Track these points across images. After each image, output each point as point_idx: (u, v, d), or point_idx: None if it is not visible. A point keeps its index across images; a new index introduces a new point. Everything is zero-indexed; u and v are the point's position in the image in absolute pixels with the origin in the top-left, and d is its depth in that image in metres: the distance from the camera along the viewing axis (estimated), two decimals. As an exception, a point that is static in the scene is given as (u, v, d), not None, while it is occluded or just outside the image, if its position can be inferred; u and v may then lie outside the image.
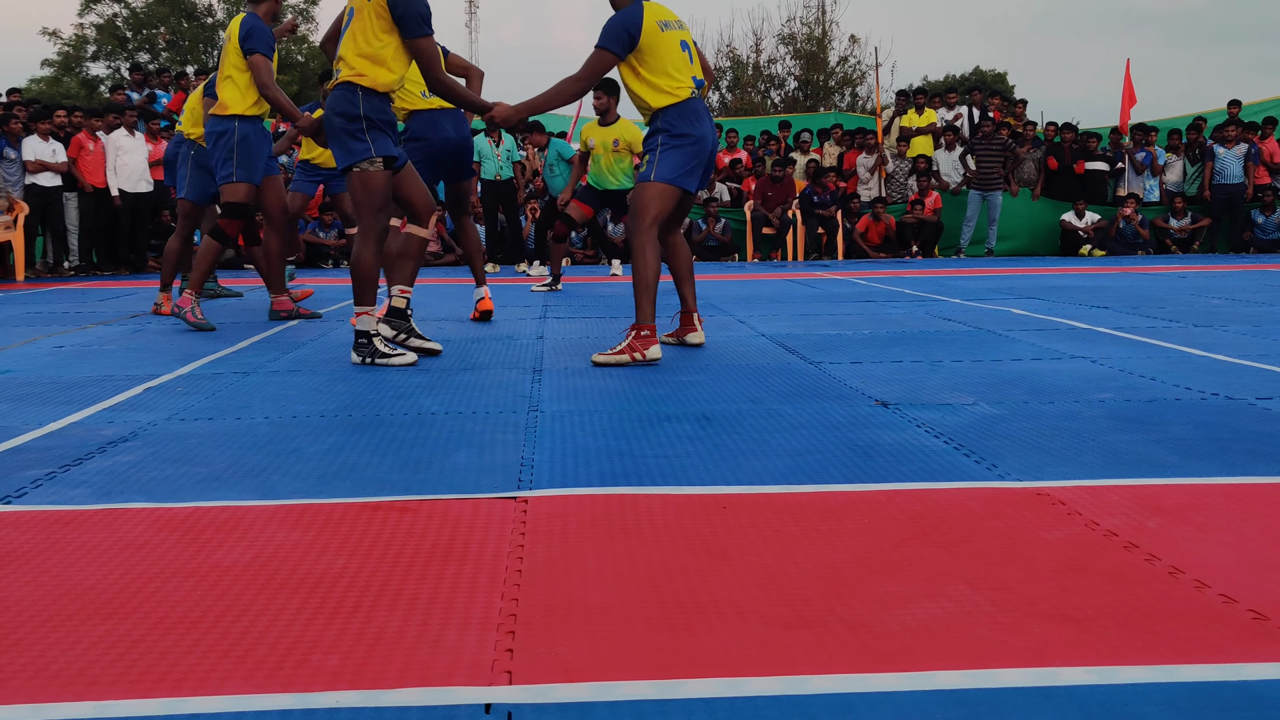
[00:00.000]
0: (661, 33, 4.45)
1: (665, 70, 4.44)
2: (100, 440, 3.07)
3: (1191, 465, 2.66)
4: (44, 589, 1.87)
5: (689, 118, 4.46)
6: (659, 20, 4.46)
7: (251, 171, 5.84)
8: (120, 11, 37.67)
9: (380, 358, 4.33)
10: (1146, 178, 14.97)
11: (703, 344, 4.91)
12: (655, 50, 4.41)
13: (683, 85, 4.46)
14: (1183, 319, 5.90)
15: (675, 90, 4.45)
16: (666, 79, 4.44)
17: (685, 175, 4.49)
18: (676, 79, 4.45)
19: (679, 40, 4.51)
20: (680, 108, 4.45)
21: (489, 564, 1.98)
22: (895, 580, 1.87)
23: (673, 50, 4.47)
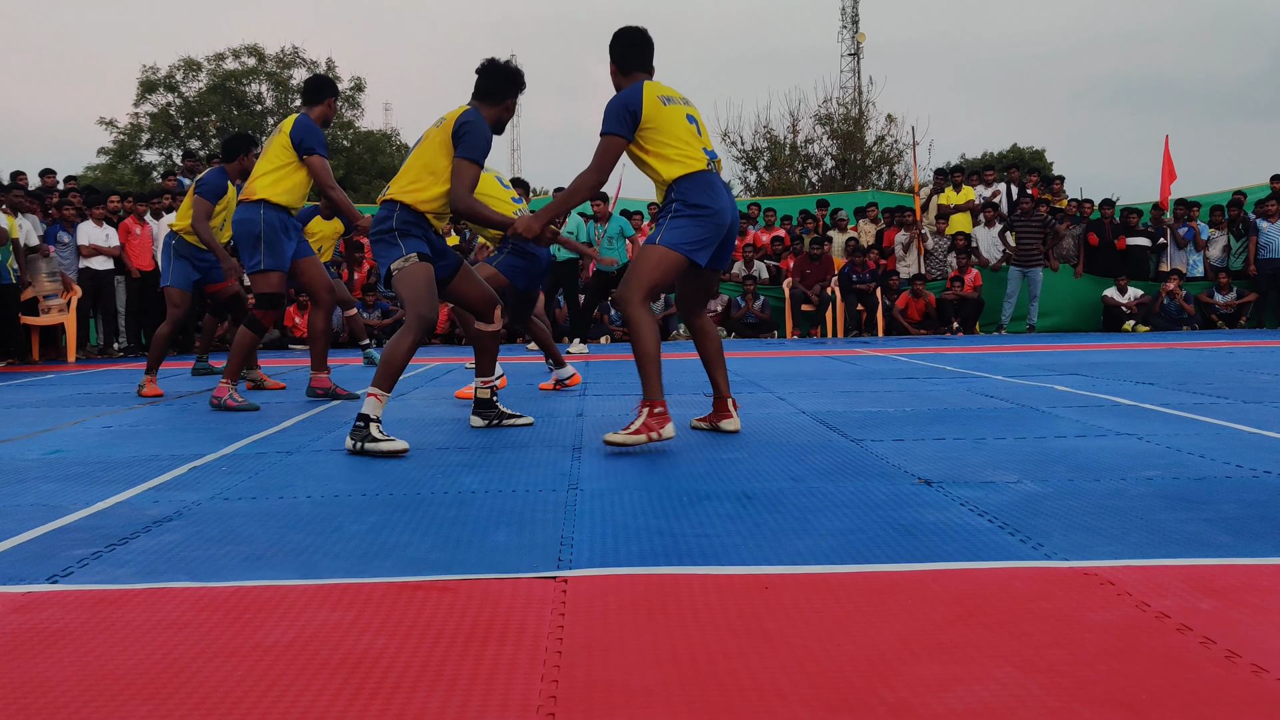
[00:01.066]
0: (665, 106, 4.33)
1: (674, 141, 4.30)
2: (145, 520, 3.11)
3: (1245, 545, 2.60)
4: (88, 669, 1.88)
5: (704, 188, 4.30)
6: (660, 95, 4.35)
7: (280, 259, 5.90)
8: (174, 101, 38.93)
9: (370, 442, 4.19)
10: (1189, 253, 14.87)
11: (738, 431, 4.64)
12: (659, 124, 4.30)
13: (695, 156, 4.32)
14: (1231, 395, 5.81)
15: (687, 160, 4.30)
16: (676, 149, 4.30)
17: (695, 247, 4.28)
18: (688, 149, 4.31)
19: (684, 114, 4.39)
20: (695, 178, 4.29)
21: (529, 645, 1.97)
22: (940, 662, 1.84)
23: (678, 123, 4.34)
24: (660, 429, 4.17)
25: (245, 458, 4.24)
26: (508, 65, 4.58)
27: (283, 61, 39.91)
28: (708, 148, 4.42)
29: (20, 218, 10.90)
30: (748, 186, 31.38)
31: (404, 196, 4.43)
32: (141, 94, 38.74)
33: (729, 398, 4.69)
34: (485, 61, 4.58)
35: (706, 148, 4.41)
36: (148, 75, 38.72)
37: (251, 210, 5.88)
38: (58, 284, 11.04)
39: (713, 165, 4.37)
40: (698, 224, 4.27)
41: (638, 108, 4.28)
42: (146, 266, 12.01)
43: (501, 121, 4.62)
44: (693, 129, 4.38)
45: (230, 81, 38.46)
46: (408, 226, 4.41)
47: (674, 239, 4.25)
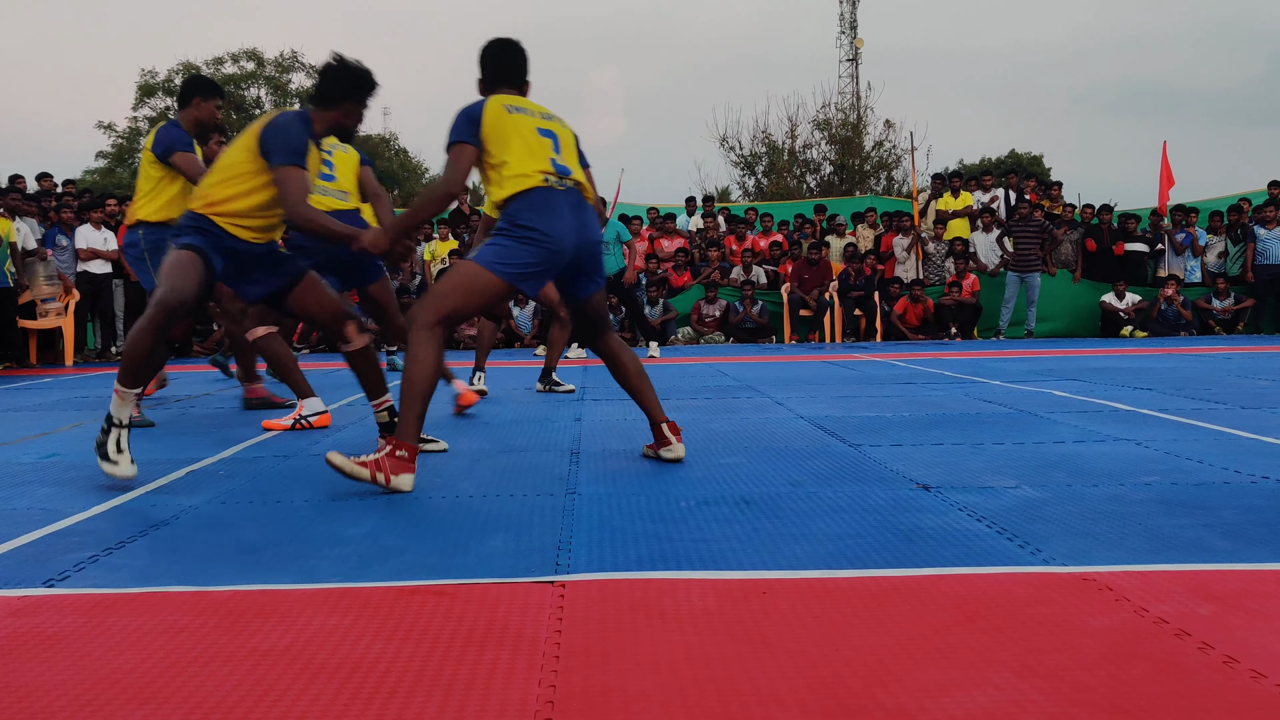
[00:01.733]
0: (509, 115, 3.81)
1: (508, 156, 3.75)
2: (142, 523, 3.10)
3: (1244, 550, 2.60)
4: (84, 673, 1.87)
5: (537, 209, 3.71)
6: (507, 105, 3.84)
7: None
8: (173, 105, 38.93)
9: (103, 459, 3.74)
10: (1187, 258, 14.90)
11: (682, 459, 4.05)
12: (498, 135, 3.76)
13: (529, 171, 3.73)
14: (1229, 400, 5.81)
15: (520, 177, 3.72)
16: (510, 163, 3.74)
17: (518, 271, 3.70)
18: (523, 164, 3.74)
19: (535, 126, 3.84)
20: (527, 197, 3.71)
21: (526, 649, 1.96)
22: (939, 668, 1.84)
23: (521, 134, 3.79)
24: (392, 473, 3.48)
25: (242, 462, 4.23)
26: (347, 65, 3.99)
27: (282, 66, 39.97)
28: (561, 163, 3.83)
29: (18, 221, 10.90)
30: (746, 192, 31.42)
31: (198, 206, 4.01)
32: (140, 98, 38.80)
33: (664, 422, 4.08)
34: (327, 60, 4.03)
35: (559, 162, 3.83)
36: (146, 79, 38.79)
37: (131, 235, 5.74)
38: (55, 287, 11.04)
39: (557, 182, 3.78)
40: (523, 247, 3.70)
41: (479, 115, 3.78)
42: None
43: (345, 129, 4.07)
44: (543, 142, 3.84)
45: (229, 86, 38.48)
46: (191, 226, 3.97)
47: (491, 256, 3.70)
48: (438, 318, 3.64)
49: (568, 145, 3.94)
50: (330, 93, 3.99)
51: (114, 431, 3.75)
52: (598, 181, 4.23)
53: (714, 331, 14.23)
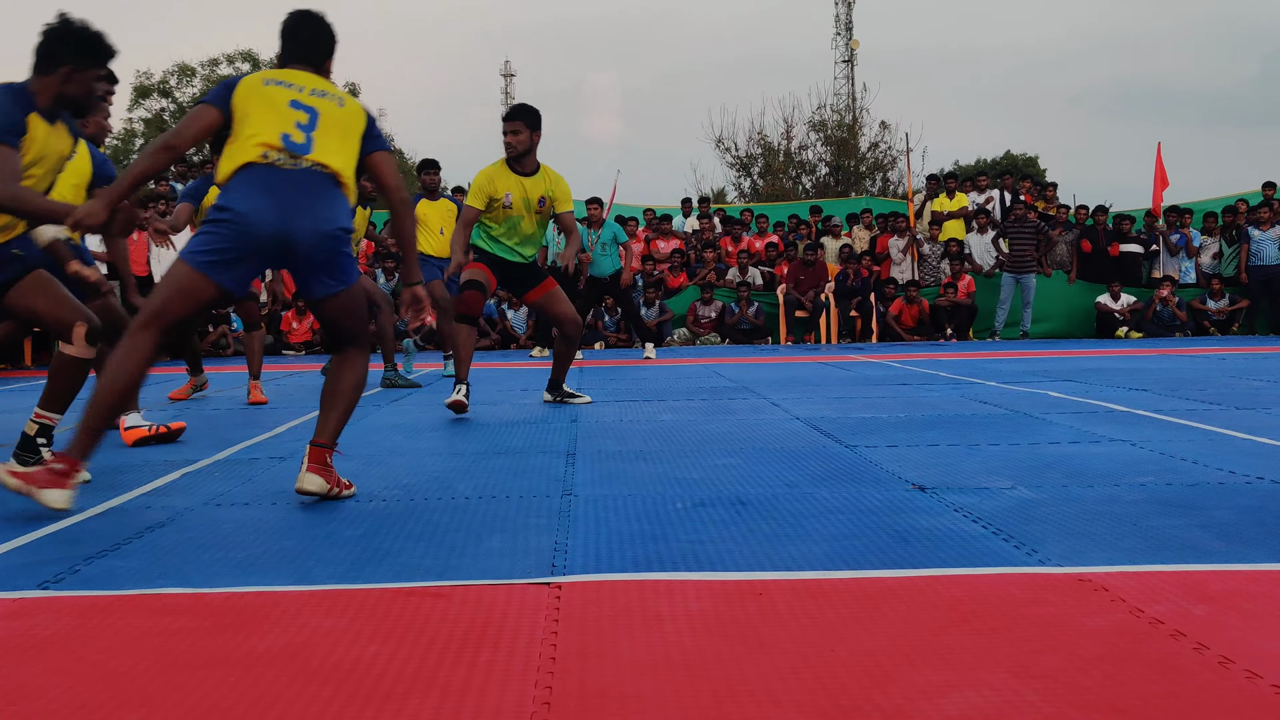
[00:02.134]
0: (263, 87, 3.38)
1: (244, 129, 3.32)
2: (138, 525, 3.09)
3: (1238, 551, 2.60)
4: (77, 676, 1.87)
5: (243, 185, 3.26)
6: (268, 78, 3.43)
7: None
8: (167, 106, 38.90)
9: None
10: (1182, 260, 14.93)
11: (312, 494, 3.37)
12: (244, 109, 3.34)
13: (251, 146, 3.28)
14: (1224, 401, 5.82)
15: (240, 151, 3.30)
16: (240, 139, 3.32)
17: (207, 259, 3.23)
18: (253, 139, 3.29)
19: (289, 99, 3.37)
20: (241, 173, 3.28)
21: (522, 651, 1.96)
22: (935, 669, 1.84)
23: (268, 105, 3.34)
24: (42, 486, 3.12)
25: (238, 463, 4.22)
26: (70, 24, 3.53)
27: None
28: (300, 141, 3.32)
29: (13, 223, 10.86)
30: (742, 193, 31.44)
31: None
32: (135, 99, 38.70)
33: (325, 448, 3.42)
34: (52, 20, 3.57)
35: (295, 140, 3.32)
36: (141, 80, 38.68)
37: None
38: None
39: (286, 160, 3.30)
40: (215, 230, 3.26)
41: (236, 83, 3.41)
42: (141, 272, 11.98)
43: (72, 100, 3.59)
44: (289, 116, 3.35)
45: (225, 87, 38.44)
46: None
47: (190, 246, 3.31)
48: (147, 318, 3.29)
49: (331, 125, 3.39)
50: (48, 55, 3.52)
51: None
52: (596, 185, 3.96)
53: (710, 333, 14.24)
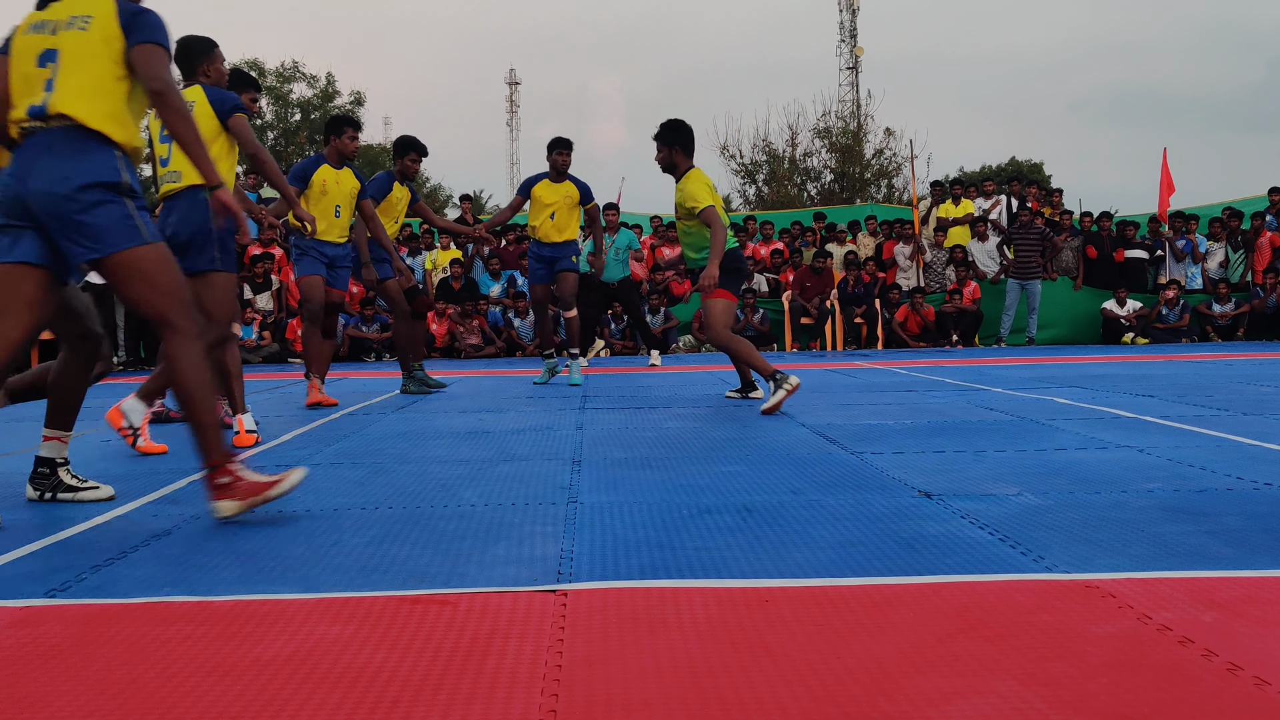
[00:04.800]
0: (20, 38, 3.21)
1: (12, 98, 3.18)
2: (145, 533, 3.10)
3: (1247, 557, 2.59)
4: (86, 684, 1.87)
5: None
6: (34, 21, 3.22)
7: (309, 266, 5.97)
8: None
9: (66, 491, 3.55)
10: (1188, 265, 14.91)
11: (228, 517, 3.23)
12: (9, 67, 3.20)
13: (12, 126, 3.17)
14: (1232, 407, 5.81)
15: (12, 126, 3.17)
16: None
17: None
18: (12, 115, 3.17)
19: (39, 49, 3.16)
20: None
21: (528, 659, 1.96)
22: (942, 676, 1.83)
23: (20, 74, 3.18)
24: None
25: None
26: None
27: (282, 76, 40.02)
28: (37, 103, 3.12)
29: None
30: (746, 200, 31.45)
31: None
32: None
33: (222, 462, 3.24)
34: None
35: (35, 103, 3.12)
36: (147, 89, 38.80)
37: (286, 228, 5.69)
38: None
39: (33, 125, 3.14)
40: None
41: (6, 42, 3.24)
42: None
43: None
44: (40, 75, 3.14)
45: (230, 95, 38.52)
46: None
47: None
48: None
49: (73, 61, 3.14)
50: None
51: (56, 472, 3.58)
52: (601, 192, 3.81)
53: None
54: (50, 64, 3.13)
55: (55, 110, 3.10)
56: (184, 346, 3.25)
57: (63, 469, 3.68)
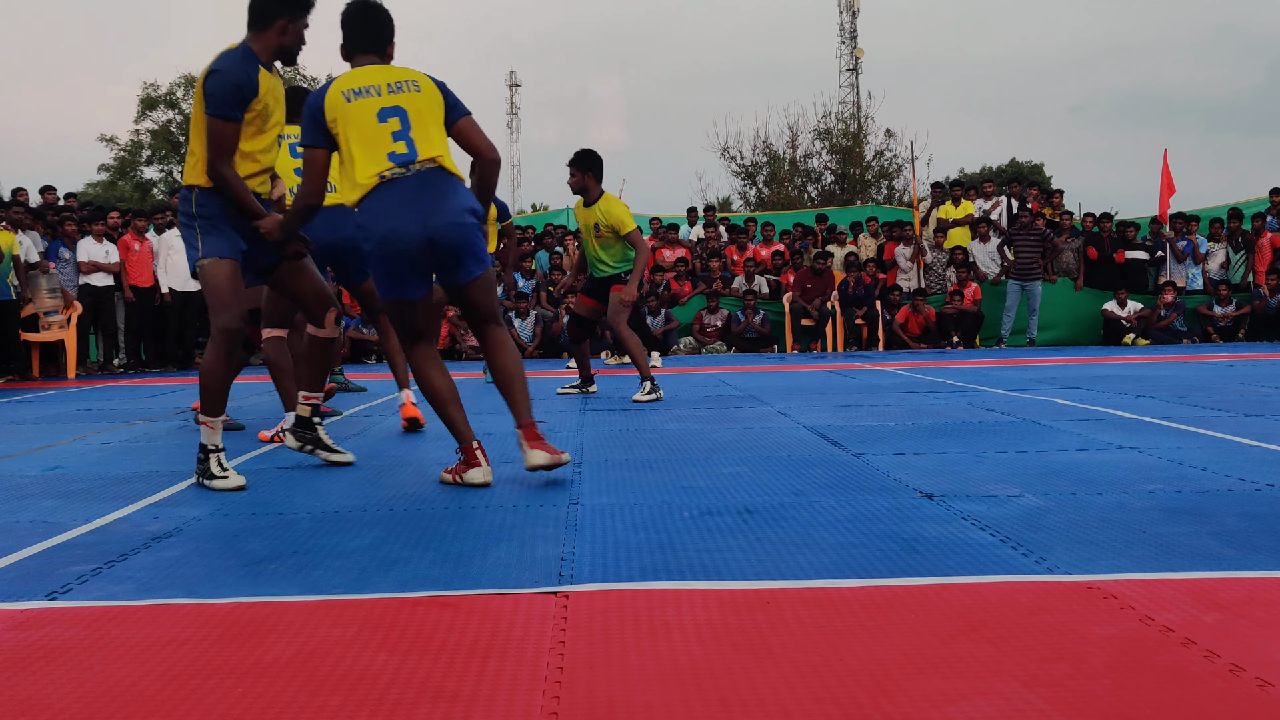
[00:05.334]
0: (348, 104, 3.65)
1: (350, 154, 3.66)
2: (145, 536, 3.10)
3: (1248, 558, 2.59)
4: (87, 686, 1.87)
5: (372, 212, 3.64)
6: (348, 89, 3.69)
7: None
8: (174, 117, 39.01)
9: (208, 478, 3.80)
10: (1189, 266, 14.91)
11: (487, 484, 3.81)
12: (342, 131, 3.65)
13: (367, 173, 3.62)
14: (1233, 408, 5.80)
15: (357, 180, 3.64)
16: (352, 164, 3.65)
17: (391, 283, 3.73)
18: (363, 163, 3.64)
19: (376, 110, 3.65)
20: (366, 201, 3.65)
21: (530, 661, 1.96)
22: (943, 677, 1.83)
23: (362, 124, 3.64)
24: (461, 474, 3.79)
25: (245, 473, 4.21)
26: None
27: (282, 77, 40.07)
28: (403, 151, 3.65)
29: (21, 234, 10.92)
30: (747, 201, 31.46)
31: (192, 178, 3.79)
32: (142, 110, 38.85)
33: (475, 443, 3.87)
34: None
35: (396, 152, 3.65)
36: (149, 92, 38.84)
37: None
38: (58, 300, 11.05)
39: (397, 171, 3.64)
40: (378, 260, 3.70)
41: (319, 112, 3.69)
42: (145, 283, 12.03)
43: (287, 50, 3.86)
44: (383, 129, 3.65)
45: (231, 98, 38.51)
46: (209, 214, 3.76)
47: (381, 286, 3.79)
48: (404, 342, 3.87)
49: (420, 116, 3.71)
50: (265, 11, 3.80)
51: (212, 456, 3.84)
52: None
53: (716, 341, 14.24)
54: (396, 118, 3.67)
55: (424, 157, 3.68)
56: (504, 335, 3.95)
57: (320, 428, 4.32)
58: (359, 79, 3.72)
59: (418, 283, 3.73)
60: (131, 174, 39.12)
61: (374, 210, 3.63)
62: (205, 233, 3.76)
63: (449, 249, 3.66)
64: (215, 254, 3.76)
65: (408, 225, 3.60)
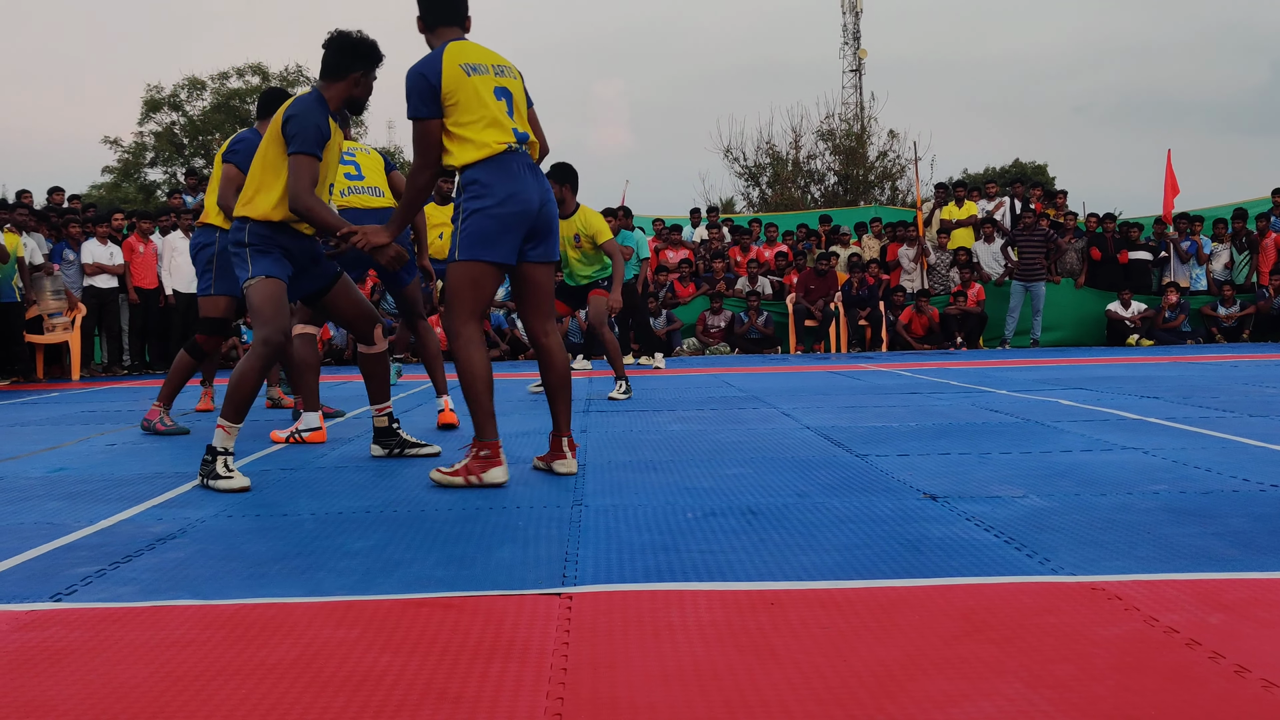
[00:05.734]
0: (467, 78, 3.80)
1: (473, 121, 3.79)
2: (149, 537, 3.10)
3: (1253, 559, 2.58)
4: (91, 688, 1.87)
5: (498, 172, 3.78)
6: (463, 64, 3.81)
7: (233, 284, 5.63)
8: (178, 119, 39.03)
9: (212, 479, 3.88)
10: (1193, 266, 14.89)
11: (574, 473, 4.07)
12: (461, 100, 3.78)
13: (495, 139, 3.79)
14: (1237, 409, 5.79)
15: (484, 141, 3.78)
16: (476, 128, 3.79)
17: (486, 244, 3.79)
18: (487, 131, 3.79)
19: (492, 87, 3.85)
20: (489, 163, 3.79)
21: (534, 662, 1.96)
22: (948, 678, 1.83)
23: (480, 97, 3.80)
24: (482, 472, 3.81)
25: (248, 475, 4.22)
26: (351, 36, 4.09)
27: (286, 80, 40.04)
28: (520, 129, 3.89)
29: (25, 236, 10.94)
30: (750, 203, 31.45)
31: (246, 210, 4.07)
32: (146, 113, 38.87)
33: (566, 436, 4.11)
34: (330, 34, 4.10)
35: (518, 129, 3.88)
36: (152, 94, 38.85)
37: (205, 234, 5.74)
38: (62, 302, 11.07)
39: (519, 148, 3.86)
40: (484, 218, 3.78)
41: (437, 80, 3.78)
42: (150, 285, 12.05)
43: (356, 100, 4.15)
44: (501, 105, 3.86)
45: (234, 100, 38.55)
46: (261, 242, 4.04)
47: (466, 249, 3.81)
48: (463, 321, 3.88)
49: (521, 105, 3.97)
50: (339, 64, 4.08)
51: (219, 459, 3.92)
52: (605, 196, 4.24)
53: (719, 342, 14.24)
54: (504, 101, 3.89)
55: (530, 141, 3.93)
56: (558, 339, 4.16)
57: (400, 431, 4.73)
58: (470, 54, 3.86)
59: (510, 248, 3.84)
60: (135, 176, 39.13)
61: (498, 170, 3.79)
62: (255, 257, 4.05)
63: (548, 222, 3.92)
64: (263, 273, 4.03)
65: (527, 190, 3.82)
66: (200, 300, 5.85)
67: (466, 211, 3.79)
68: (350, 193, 5.40)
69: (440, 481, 3.85)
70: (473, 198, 3.79)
